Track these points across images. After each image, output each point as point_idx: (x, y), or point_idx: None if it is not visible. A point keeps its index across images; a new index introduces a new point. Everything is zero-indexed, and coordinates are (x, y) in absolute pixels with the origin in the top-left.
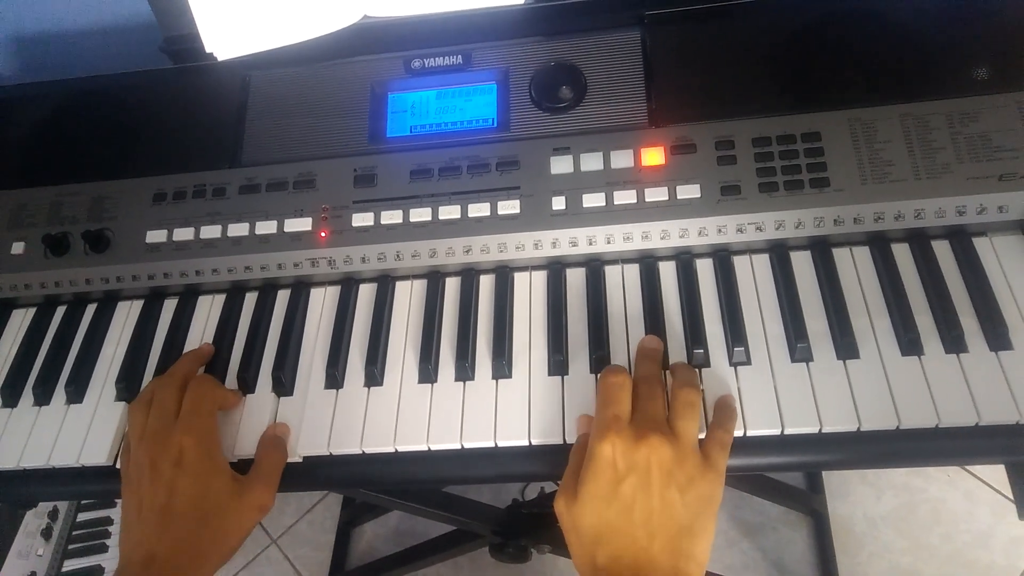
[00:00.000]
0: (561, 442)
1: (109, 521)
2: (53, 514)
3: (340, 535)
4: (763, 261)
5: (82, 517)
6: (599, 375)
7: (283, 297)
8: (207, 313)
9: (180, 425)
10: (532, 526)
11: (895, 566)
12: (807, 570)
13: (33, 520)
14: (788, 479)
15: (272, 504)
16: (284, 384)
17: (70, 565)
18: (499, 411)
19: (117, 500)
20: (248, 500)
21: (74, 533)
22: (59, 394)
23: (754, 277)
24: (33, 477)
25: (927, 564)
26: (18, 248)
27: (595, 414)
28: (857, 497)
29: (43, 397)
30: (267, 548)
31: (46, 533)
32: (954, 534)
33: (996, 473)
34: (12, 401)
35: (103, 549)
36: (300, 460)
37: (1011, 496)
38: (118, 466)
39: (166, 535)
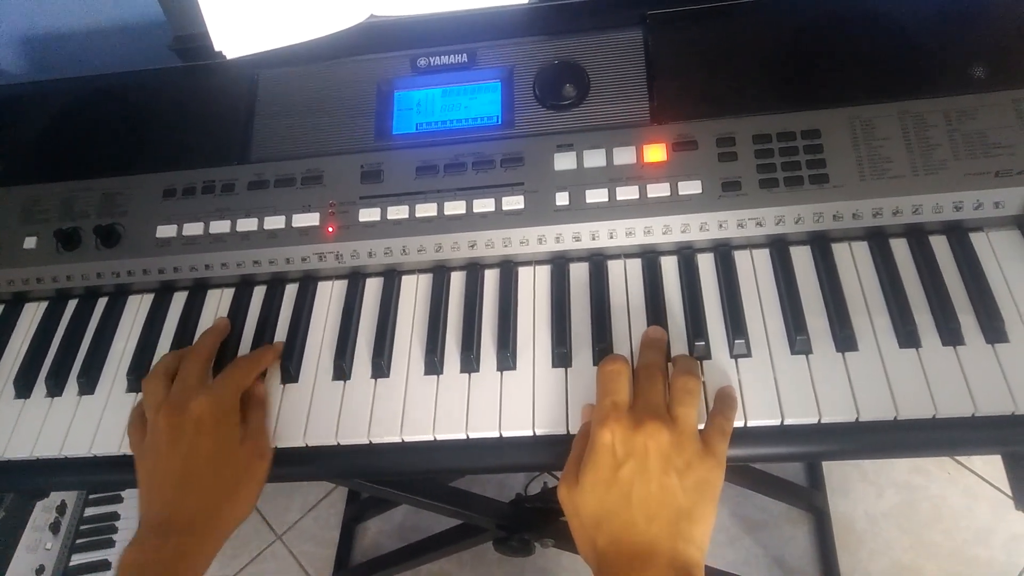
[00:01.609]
0: (565, 432)
1: (116, 516)
2: (61, 508)
3: (344, 531)
4: (763, 256)
5: (89, 512)
6: (599, 365)
7: (291, 291)
8: (216, 307)
9: (203, 391)
10: (536, 520)
11: (896, 563)
12: (809, 567)
13: (41, 514)
14: (789, 476)
15: (270, 452)
16: (292, 374)
17: (78, 559)
18: (504, 402)
19: (124, 494)
20: (248, 449)
21: (81, 528)
22: (71, 385)
23: (754, 271)
24: (46, 467)
25: (928, 561)
26: (30, 243)
27: (595, 402)
28: (858, 494)
29: (55, 388)
30: (272, 544)
31: (54, 527)
32: (955, 531)
33: (995, 470)
34: (25, 393)
35: (110, 544)
36: (305, 446)
37: (1010, 492)
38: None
39: (183, 499)
